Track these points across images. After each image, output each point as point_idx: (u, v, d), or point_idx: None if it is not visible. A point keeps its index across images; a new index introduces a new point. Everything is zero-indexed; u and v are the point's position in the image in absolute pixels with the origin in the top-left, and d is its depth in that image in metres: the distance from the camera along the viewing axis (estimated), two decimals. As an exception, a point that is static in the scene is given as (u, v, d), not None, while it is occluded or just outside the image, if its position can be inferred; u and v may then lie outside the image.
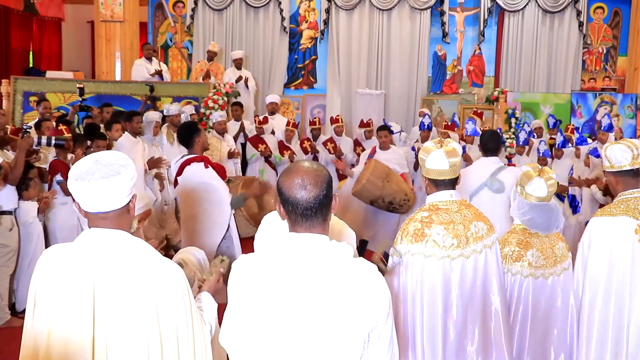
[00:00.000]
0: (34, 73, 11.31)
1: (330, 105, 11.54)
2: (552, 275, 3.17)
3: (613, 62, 11.80)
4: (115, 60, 10.64)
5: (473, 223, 2.85)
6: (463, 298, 2.79)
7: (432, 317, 2.76)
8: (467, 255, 2.79)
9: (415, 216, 2.88)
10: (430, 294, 2.75)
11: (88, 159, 2.03)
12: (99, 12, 10.59)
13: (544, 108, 10.58)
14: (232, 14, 11.57)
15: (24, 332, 2.05)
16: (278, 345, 1.81)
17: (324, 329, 1.78)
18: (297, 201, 1.84)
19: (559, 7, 11.42)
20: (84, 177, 1.96)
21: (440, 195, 2.90)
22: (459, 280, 2.78)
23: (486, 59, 11.86)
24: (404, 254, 2.80)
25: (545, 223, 3.17)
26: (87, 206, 2.00)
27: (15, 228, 5.14)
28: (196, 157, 4.71)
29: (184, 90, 9.36)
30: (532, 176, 3.17)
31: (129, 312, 1.94)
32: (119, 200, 2.00)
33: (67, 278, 1.96)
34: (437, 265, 2.75)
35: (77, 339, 1.94)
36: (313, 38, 11.83)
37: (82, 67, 12.90)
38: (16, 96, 8.86)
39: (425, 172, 2.94)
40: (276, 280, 1.83)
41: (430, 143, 2.95)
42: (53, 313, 1.97)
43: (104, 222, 2.01)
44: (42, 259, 2.06)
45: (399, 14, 11.54)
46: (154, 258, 2.02)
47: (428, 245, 2.75)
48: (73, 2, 14.02)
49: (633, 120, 10.42)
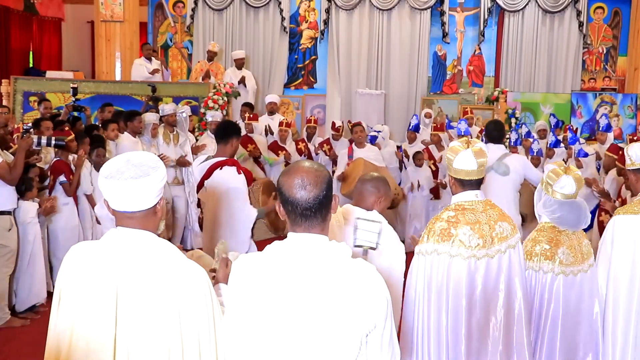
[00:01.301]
0: (34, 73, 11.32)
1: (330, 105, 11.53)
2: (580, 272, 3.20)
3: (613, 62, 11.80)
4: (115, 60, 10.64)
5: (498, 223, 2.88)
6: (487, 297, 2.83)
7: (457, 316, 2.80)
8: (492, 255, 2.83)
9: (441, 216, 2.91)
10: (456, 293, 2.79)
11: (120, 158, 2.05)
12: (99, 12, 10.59)
13: (544, 108, 10.58)
14: (232, 14, 11.56)
15: (49, 329, 2.06)
16: (276, 344, 1.81)
17: (321, 328, 1.78)
18: (296, 201, 1.84)
19: (559, 7, 11.42)
20: (114, 175, 1.97)
21: (466, 195, 2.93)
22: (483, 279, 2.82)
23: (486, 59, 11.86)
24: (430, 253, 2.83)
25: (574, 220, 3.20)
26: (115, 204, 2.02)
27: (14, 228, 5.14)
28: (227, 161, 4.40)
29: (184, 90, 9.36)
30: (559, 174, 3.19)
31: (152, 313, 1.94)
32: (147, 201, 2.02)
33: (91, 276, 1.98)
34: (463, 264, 2.79)
35: (98, 338, 1.95)
36: (313, 38, 11.83)
37: (82, 67, 12.90)
38: (16, 96, 8.87)
39: (452, 172, 2.97)
40: (275, 280, 1.83)
41: (457, 143, 2.98)
42: (77, 311, 1.98)
43: (131, 221, 2.02)
44: (68, 256, 2.07)
45: (399, 14, 11.54)
46: (179, 260, 2.02)
47: (454, 245, 2.79)
48: (73, 2, 14.03)
49: (633, 120, 10.43)
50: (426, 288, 2.82)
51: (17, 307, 5.38)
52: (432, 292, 2.81)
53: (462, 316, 2.79)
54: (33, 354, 4.69)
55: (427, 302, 2.82)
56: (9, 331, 5.08)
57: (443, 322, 2.79)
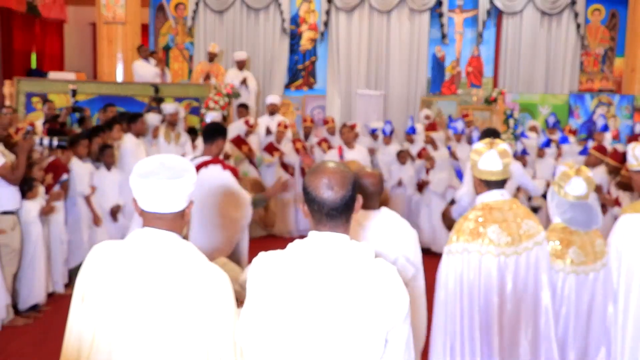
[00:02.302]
0: (36, 74, 11.36)
1: (331, 106, 11.62)
2: (593, 271, 3.24)
3: (610, 64, 11.86)
4: (116, 61, 10.72)
5: (524, 221, 2.95)
6: (516, 294, 2.90)
7: (489, 313, 2.86)
8: (520, 252, 2.90)
9: (469, 216, 2.97)
10: (487, 290, 2.86)
11: (153, 159, 2.04)
12: (101, 14, 10.66)
13: (542, 109, 10.65)
14: (233, 16, 11.64)
15: (68, 328, 2.03)
16: (296, 343, 1.81)
17: (343, 327, 1.78)
18: (323, 201, 1.85)
19: (557, 9, 11.48)
20: (149, 175, 1.96)
21: (491, 195, 2.99)
22: (512, 276, 2.88)
23: (485, 60, 11.93)
24: (460, 252, 2.89)
25: (585, 221, 3.24)
26: (146, 205, 1.99)
27: (17, 228, 5.21)
28: (213, 159, 4.57)
29: (185, 91, 9.43)
30: (570, 175, 3.24)
31: (175, 316, 1.92)
32: (179, 204, 2.00)
33: (117, 275, 1.96)
34: (493, 262, 2.86)
35: (121, 339, 1.94)
36: (313, 39, 11.90)
37: (84, 69, 12.96)
38: (19, 97, 8.94)
39: (477, 173, 3.02)
40: (297, 278, 1.83)
41: (481, 144, 3.03)
42: (101, 309, 1.96)
43: (160, 222, 1.99)
44: (92, 254, 2.04)
45: (398, 16, 11.61)
46: (204, 264, 2.01)
47: (484, 243, 2.86)
48: (75, 4, 14.09)
49: (630, 121, 10.49)
50: (458, 287, 2.88)
51: (19, 306, 5.43)
52: (463, 290, 2.87)
53: (494, 313, 2.86)
54: (35, 353, 4.75)
55: (459, 301, 2.88)
56: (12, 330, 5.13)
57: (476, 319, 2.86)
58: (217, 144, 4.58)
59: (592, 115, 10.52)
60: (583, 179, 3.21)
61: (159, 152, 6.98)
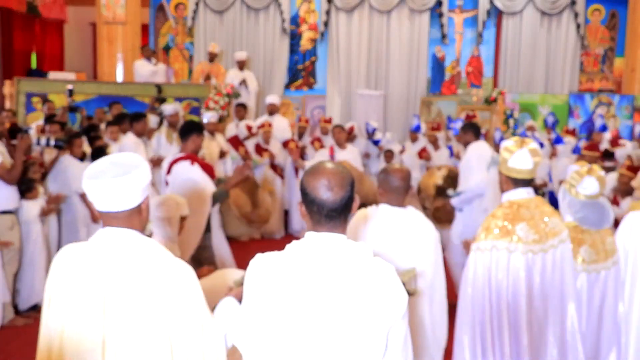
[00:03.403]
0: (36, 74, 11.38)
1: (330, 106, 11.62)
2: (604, 269, 3.28)
3: (610, 64, 11.86)
4: (116, 61, 10.73)
5: (550, 219, 2.99)
6: (544, 291, 2.93)
7: (517, 310, 2.89)
8: (546, 249, 2.94)
9: (496, 213, 3.01)
10: (515, 287, 2.89)
11: (104, 159, 2.07)
12: (101, 14, 10.67)
13: (541, 109, 10.66)
14: (233, 16, 11.64)
15: (40, 329, 2.08)
16: (296, 344, 1.80)
17: (343, 327, 1.78)
18: (323, 202, 1.84)
19: (557, 9, 11.48)
20: (98, 176, 1.98)
21: (518, 193, 3.02)
22: (540, 273, 2.92)
23: (485, 60, 11.92)
24: (489, 250, 2.92)
25: (597, 219, 3.28)
26: (100, 205, 2.02)
27: (16, 227, 5.21)
28: (184, 156, 4.71)
29: (186, 91, 9.45)
30: (582, 175, 3.28)
31: (139, 312, 1.94)
32: (131, 200, 2.02)
33: (79, 277, 1.98)
34: (521, 259, 2.89)
35: (88, 339, 1.95)
36: (313, 39, 11.90)
37: (84, 69, 12.98)
38: (19, 97, 8.96)
39: (505, 170, 3.04)
40: (296, 279, 1.82)
41: (511, 142, 3.06)
42: (66, 312, 1.98)
43: (116, 221, 2.02)
44: (57, 258, 2.07)
45: (398, 16, 11.61)
46: (165, 258, 2.02)
47: (513, 240, 2.89)
48: (75, 4, 14.11)
49: (630, 121, 10.50)
50: (486, 284, 2.91)
51: (19, 306, 5.43)
52: (492, 287, 2.91)
53: (522, 310, 2.89)
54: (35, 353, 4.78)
55: (487, 298, 2.91)
56: (12, 330, 5.13)
57: (504, 316, 2.89)
58: (193, 140, 4.73)
59: (592, 115, 10.53)
60: (595, 178, 3.25)
61: (159, 153, 6.99)
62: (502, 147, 3.08)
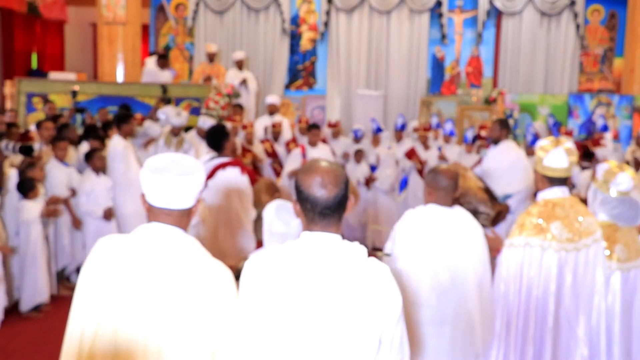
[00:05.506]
0: (37, 74, 11.41)
1: (330, 106, 11.64)
2: (634, 268, 3.31)
3: (610, 64, 11.88)
4: (117, 62, 10.75)
5: (584, 218, 3.02)
6: (575, 289, 2.97)
7: (546, 308, 2.93)
8: (579, 248, 2.97)
9: (531, 211, 3.04)
10: (546, 284, 2.93)
11: (164, 157, 2.04)
12: (102, 15, 10.70)
13: (541, 109, 10.67)
14: (233, 16, 11.67)
15: (71, 319, 2.01)
16: (290, 343, 1.81)
17: (336, 328, 1.78)
18: (316, 200, 1.84)
19: (556, 9, 11.51)
20: (162, 171, 1.96)
21: (553, 192, 3.05)
22: (572, 272, 2.96)
23: (484, 60, 11.95)
24: (522, 246, 2.96)
25: (633, 215, 3.32)
26: (155, 200, 1.98)
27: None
28: (232, 162, 4.60)
29: (186, 92, 9.46)
30: (615, 172, 3.31)
31: (182, 311, 1.91)
32: (188, 201, 2.00)
33: (121, 269, 1.95)
34: (554, 257, 2.93)
35: (126, 331, 1.92)
36: (313, 40, 11.92)
37: (85, 69, 13.02)
38: (20, 97, 8.98)
39: (541, 169, 3.07)
40: (290, 279, 1.82)
41: (546, 141, 3.10)
42: (103, 304, 1.95)
43: (169, 218, 1.99)
44: (97, 248, 2.02)
45: (398, 16, 11.63)
46: (207, 259, 2.00)
47: (547, 238, 2.93)
48: (76, 5, 14.14)
49: (629, 121, 10.52)
50: (517, 280, 2.95)
51: (22, 307, 5.41)
52: (522, 284, 2.95)
53: (551, 308, 2.93)
54: (36, 352, 4.77)
55: (517, 294, 2.95)
56: (12, 330, 5.13)
57: (531, 313, 2.93)
58: (227, 146, 4.64)
59: (591, 116, 10.53)
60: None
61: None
62: (538, 146, 3.12)
